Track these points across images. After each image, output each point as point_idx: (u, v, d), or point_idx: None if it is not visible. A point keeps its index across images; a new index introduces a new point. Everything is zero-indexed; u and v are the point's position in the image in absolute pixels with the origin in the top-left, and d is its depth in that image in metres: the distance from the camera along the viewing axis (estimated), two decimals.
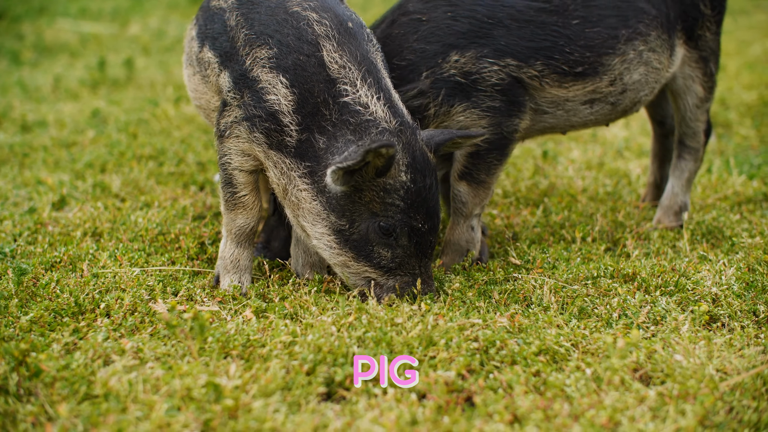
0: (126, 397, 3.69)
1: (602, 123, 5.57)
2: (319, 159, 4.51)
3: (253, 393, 3.71)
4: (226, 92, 4.77)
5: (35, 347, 4.00)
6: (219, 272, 4.91)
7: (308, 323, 4.29)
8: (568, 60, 5.14)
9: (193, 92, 5.23)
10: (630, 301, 4.59)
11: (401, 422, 3.55)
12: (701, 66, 5.72)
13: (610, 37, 5.20)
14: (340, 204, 4.48)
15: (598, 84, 5.25)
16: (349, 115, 4.50)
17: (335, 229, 4.52)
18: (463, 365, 3.92)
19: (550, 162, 7.46)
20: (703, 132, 5.89)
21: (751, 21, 14.32)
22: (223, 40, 4.84)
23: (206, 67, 4.97)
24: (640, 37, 5.28)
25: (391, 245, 4.53)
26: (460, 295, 4.70)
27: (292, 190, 4.59)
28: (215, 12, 4.97)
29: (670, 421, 3.58)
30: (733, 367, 3.96)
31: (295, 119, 4.55)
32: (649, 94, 5.52)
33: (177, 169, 7.24)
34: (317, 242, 4.59)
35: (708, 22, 5.65)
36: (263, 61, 4.63)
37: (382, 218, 4.47)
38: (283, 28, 4.67)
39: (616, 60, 5.24)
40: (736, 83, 10.04)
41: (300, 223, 4.65)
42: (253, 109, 4.64)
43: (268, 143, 4.63)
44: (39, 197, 6.40)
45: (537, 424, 3.60)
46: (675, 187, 5.95)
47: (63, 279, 4.79)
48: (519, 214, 6.09)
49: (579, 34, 5.16)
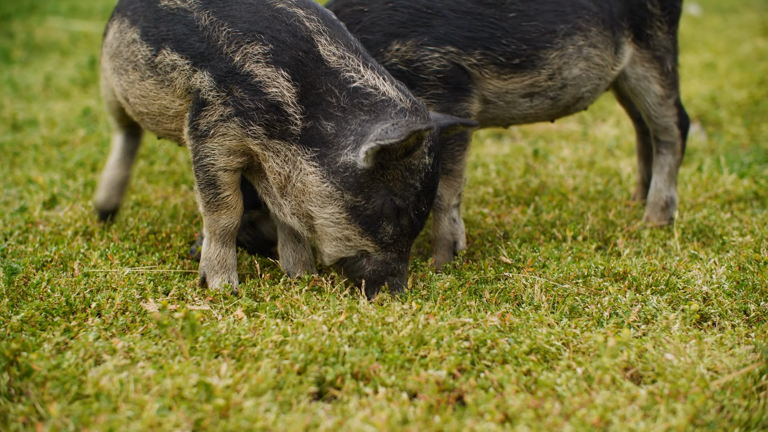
0: (117, 396, 3.69)
1: (544, 118, 5.61)
2: (328, 143, 4.63)
3: (244, 392, 3.71)
4: (205, 92, 4.73)
5: (26, 347, 3.99)
6: (205, 273, 4.90)
7: (299, 322, 4.29)
8: (505, 52, 5.22)
9: (139, 99, 5.08)
10: (621, 300, 4.60)
11: (392, 421, 3.55)
12: (656, 65, 5.75)
13: (547, 32, 5.28)
14: (359, 182, 4.60)
15: (537, 78, 5.32)
16: (362, 97, 4.65)
17: (349, 207, 4.64)
18: (454, 364, 3.92)
19: (540, 160, 7.46)
20: (676, 125, 5.90)
21: (741, 19, 14.34)
22: (194, 41, 4.78)
23: (166, 71, 4.87)
24: (579, 32, 5.34)
25: (395, 222, 4.69)
26: (450, 294, 4.70)
27: (297, 176, 4.67)
28: (171, 13, 4.89)
29: (661, 420, 3.59)
30: (723, 366, 3.97)
31: (299, 109, 4.65)
32: (592, 90, 5.56)
33: (168, 168, 7.23)
34: (323, 221, 4.68)
35: (658, 22, 5.69)
36: (257, 57, 4.65)
37: (399, 197, 4.65)
38: (274, 24, 4.70)
39: (554, 54, 5.30)
40: (726, 82, 10.06)
41: (304, 208, 4.70)
42: (249, 102, 4.65)
43: (268, 134, 4.68)
44: (30, 196, 6.39)
45: (528, 423, 3.60)
46: (658, 183, 5.97)
47: (54, 278, 4.79)
48: (510, 213, 6.10)
49: (516, 27, 5.23)
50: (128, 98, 5.14)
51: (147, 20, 4.96)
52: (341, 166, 4.60)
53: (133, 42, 5.01)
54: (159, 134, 5.26)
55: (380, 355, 3.99)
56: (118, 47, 5.13)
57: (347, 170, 4.60)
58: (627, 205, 6.25)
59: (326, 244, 4.75)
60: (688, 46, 12.23)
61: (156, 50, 4.89)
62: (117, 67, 5.16)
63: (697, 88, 9.80)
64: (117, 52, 5.15)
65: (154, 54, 4.90)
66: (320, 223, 4.68)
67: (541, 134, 8.60)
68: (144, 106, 5.07)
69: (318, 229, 4.72)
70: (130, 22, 5.05)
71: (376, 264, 4.75)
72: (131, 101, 5.13)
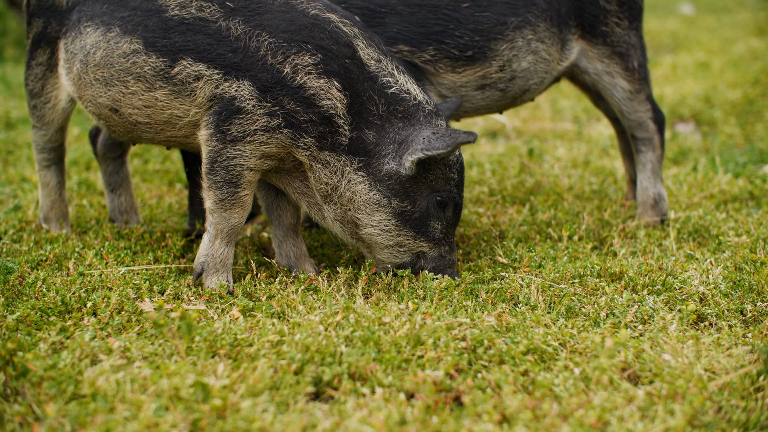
0: (114, 396, 3.68)
1: (494, 110, 5.73)
2: (371, 152, 4.77)
3: (241, 393, 3.70)
4: (243, 101, 4.67)
5: (22, 346, 3.98)
6: (203, 270, 4.88)
7: (296, 322, 4.28)
8: (458, 44, 5.33)
9: (138, 110, 4.93)
10: (617, 300, 4.59)
11: (390, 422, 3.54)
12: (618, 61, 5.80)
13: (499, 23, 5.38)
14: (405, 187, 4.79)
15: (488, 69, 5.43)
16: (397, 104, 4.79)
17: (397, 213, 4.81)
18: (451, 365, 3.92)
19: (535, 160, 7.46)
20: (651, 120, 5.92)
21: (734, 19, 14.36)
22: (224, 51, 4.71)
23: (188, 81, 4.76)
24: (528, 26, 5.44)
25: (441, 218, 4.91)
26: (447, 294, 4.69)
27: (346, 185, 4.79)
28: (185, 23, 4.80)
29: (659, 421, 3.58)
30: (721, 366, 3.97)
31: (348, 119, 4.74)
32: (538, 83, 5.66)
33: (162, 167, 7.23)
34: (372, 230, 4.83)
35: (616, 18, 5.74)
36: (308, 68, 4.67)
37: (439, 193, 4.85)
38: (315, 32, 4.72)
39: (504, 46, 5.41)
40: (720, 81, 10.07)
41: (350, 216, 4.84)
42: (303, 115, 4.69)
43: (319, 146, 4.75)
44: (24, 195, 6.38)
45: (526, 424, 3.59)
46: (643, 181, 5.99)
47: (49, 278, 4.77)
48: (505, 213, 6.10)
49: (469, 18, 5.34)
50: (118, 109, 4.99)
51: (150, 30, 4.84)
52: (386, 174, 4.77)
53: (134, 53, 4.86)
54: (151, 142, 5.19)
55: (377, 356, 3.98)
56: (107, 58, 4.94)
57: (391, 178, 4.77)
58: (622, 205, 6.25)
59: (378, 252, 4.90)
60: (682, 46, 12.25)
61: (171, 61, 4.79)
62: (104, 78, 4.97)
63: (692, 87, 9.81)
64: (104, 62, 4.95)
65: (169, 65, 4.79)
66: (369, 232, 4.82)
67: (536, 134, 8.61)
68: (145, 117, 4.95)
69: (366, 237, 4.85)
70: (122, 31, 4.89)
71: (434, 261, 4.94)
72: (124, 112, 4.98)
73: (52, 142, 5.58)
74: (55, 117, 5.49)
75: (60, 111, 5.46)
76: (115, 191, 5.79)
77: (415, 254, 4.92)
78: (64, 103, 5.43)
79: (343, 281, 4.86)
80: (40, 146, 5.61)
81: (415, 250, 4.90)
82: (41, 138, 5.58)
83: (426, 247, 4.90)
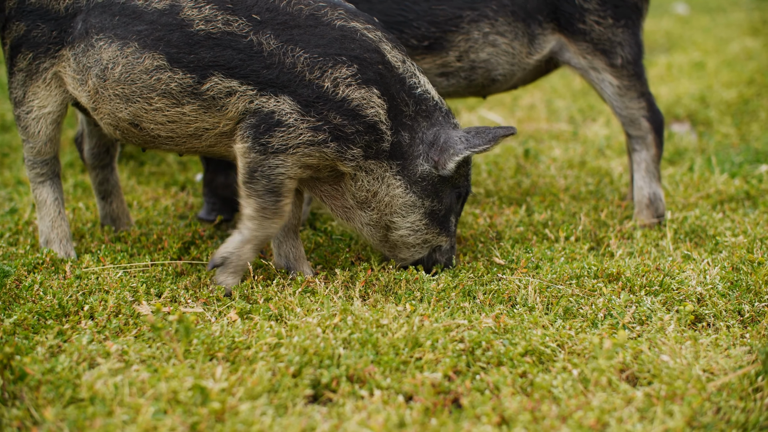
0: (112, 400, 3.67)
1: (466, 96, 5.98)
2: (405, 154, 4.87)
3: (239, 395, 3.70)
4: (284, 115, 4.64)
5: (19, 350, 3.96)
6: (222, 264, 4.84)
7: (293, 325, 4.28)
8: (416, 34, 5.53)
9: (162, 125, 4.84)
10: (615, 301, 4.59)
11: (389, 425, 3.54)
12: (602, 57, 5.84)
13: (454, 16, 5.56)
14: (436, 187, 4.94)
15: (446, 58, 5.62)
16: (422, 104, 4.89)
17: (428, 212, 4.96)
18: (449, 366, 3.92)
19: (531, 161, 7.46)
20: (645, 118, 5.91)
21: (728, 19, 14.36)
22: (257, 68, 4.67)
23: (219, 97, 4.70)
24: (486, 20, 5.59)
25: (457, 211, 5.11)
26: (444, 296, 4.69)
27: (386, 190, 4.89)
28: (212, 38, 4.70)
29: (658, 422, 3.58)
30: (719, 367, 3.97)
31: (389, 124, 4.81)
32: (507, 75, 5.80)
33: (158, 169, 7.21)
34: (404, 231, 4.96)
35: (596, 16, 5.77)
36: (348, 80, 4.69)
37: (458, 189, 5.03)
38: (346, 43, 4.73)
39: (459, 38, 5.59)
40: (715, 81, 10.06)
41: (385, 220, 4.94)
42: (350, 128, 4.71)
43: (365, 155, 4.79)
44: (20, 198, 6.36)
45: (525, 425, 3.59)
46: (638, 181, 6.00)
47: (46, 281, 4.76)
48: (502, 214, 6.09)
49: (426, 11, 5.53)
50: (139, 124, 4.88)
51: (173, 45, 4.72)
52: (420, 176, 4.88)
53: (158, 69, 4.74)
54: (168, 151, 5.15)
55: (375, 358, 3.98)
56: (127, 74, 4.78)
57: (425, 179, 4.89)
58: (619, 205, 6.25)
59: (403, 251, 5.05)
60: (677, 46, 12.25)
61: (200, 78, 4.70)
62: (125, 95, 4.81)
63: (687, 87, 9.81)
64: (124, 79, 4.79)
65: (198, 82, 4.71)
66: (401, 234, 4.95)
67: (532, 134, 8.60)
68: (168, 131, 4.87)
69: (395, 238, 4.97)
70: (141, 46, 4.75)
71: (447, 252, 5.13)
72: (146, 126, 4.87)
73: (42, 155, 5.23)
74: (41, 128, 5.15)
75: (47, 122, 5.15)
76: (106, 199, 5.69)
77: (433, 248, 5.08)
78: (50, 113, 5.14)
79: (341, 283, 4.86)
80: (31, 161, 5.26)
81: (435, 245, 5.07)
82: (30, 151, 5.23)
83: (444, 240, 5.07)
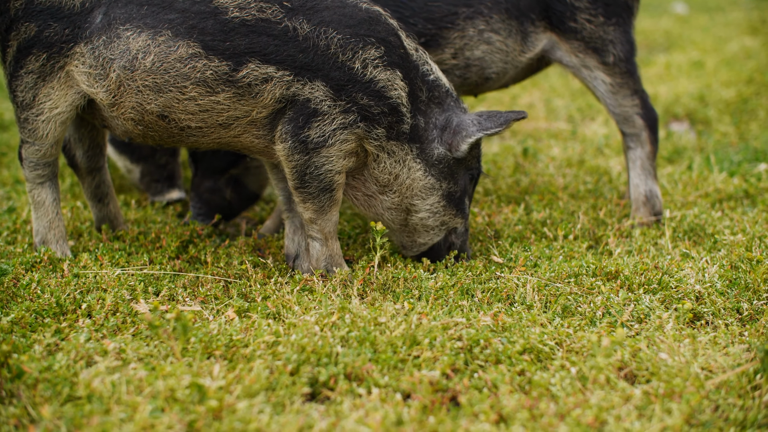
0: (109, 398, 3.67)
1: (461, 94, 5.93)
2: (422, 138, 5.02)
3: (237, 394, 3.69)
4: (318, 102, 4.73)
5: (17, 348, 3.96)
6: (328, 268, 5.06)
7: (291, 323, 4.27)
8: (412, 31, 5.47)
9: (193, 115, 4.80)
10: (613, 299, 4.59)
11: (387, 422, 3.54)
12: (594, 55, 5.85)
13: (450, 13, 5.57)
14: (452, 169, 5.10)
15: (441, 56, 5.62)
16: (435, 90, 5.04)
17: (445, 194, 5.11)
18: (447, 364, 3.91)
19: (530, 159, 7.46)
20: (639, 116, 5.92)
21: (727, 18, 14.37)
22: (293, 52, 4.71)
23: (255, 83, 4.71)
24: (481, 17, 5.61)
25: (470, 193, 5.26)
26: (442, 294, 4.69)
27: (407, 173, 5.04)
28: (247, 24, 4.71)
29: (656, 420, 3.58)
30: (718, 365, 3.96)
31: (408, 107, 4.94)
32: (500, 72, 5.81)
33: None
34: (424, 213, 5.11)
35: (587, 14, 5.78)
36: (376, 62, 4.81)
37: (471, 170, 5.19)
38: (374, 25, 4.85)
39: (455, 35, 5.59)
40: (714, 80, 10.07)
41: (406, 203, 5.09)
42: (375, 108, 4.83)
43: (387, 135, 4.91)
44: (18, 197, 6.36)
45: (523, 423, 3.59)
46: (633, 179, 6.00)
47: (44, 279, 4.75)
48: (500, 212, 6.08)
49: (422, 7, 5.54)
50: (168, 115, 4.83)
51: (206, 33, 4.71)
52: (436, 159, 5.04)
53: (193, 57, 4.70)
54: (188, 146, 5.12)
55: (373, 356, 3.98)
56: (160, 63, 4.72)
57: (441, 162, 5.05)
58: (617, 204, 6.25)
59: (422, 235, 5.20)
60: (676, 45, 12.25)
61: (236, 64, 4.70)
62: (157, 85, 4.75)
63: (686, 86, 9.81)
64: (157, 68, 4.73)
65: (234, 69, 4.70)
66: (421, 216, 5.10)
67: (530, 133, 8.60)
68: (199, 121, 4.84)
69: (415, 221, 5.12)
70: (174, 34, 4.71)
71: (462, 235, 5.29)
72: (175, 117, 4.83)
73: (47, 157, 5.13)
74: (50, 130, 5.03)
75: (56, 123, 5.02)
76: (102, 201, 5.61)
77: (449, 231, 5.23)
78: (60, 114, 5.01)
79: (339, 281, 4.85)
80: (33, 163, 5.14)
81: (451, 227, 5.22)
82: (34, 154, 5.11)
83: (459, 222, 5.21)
